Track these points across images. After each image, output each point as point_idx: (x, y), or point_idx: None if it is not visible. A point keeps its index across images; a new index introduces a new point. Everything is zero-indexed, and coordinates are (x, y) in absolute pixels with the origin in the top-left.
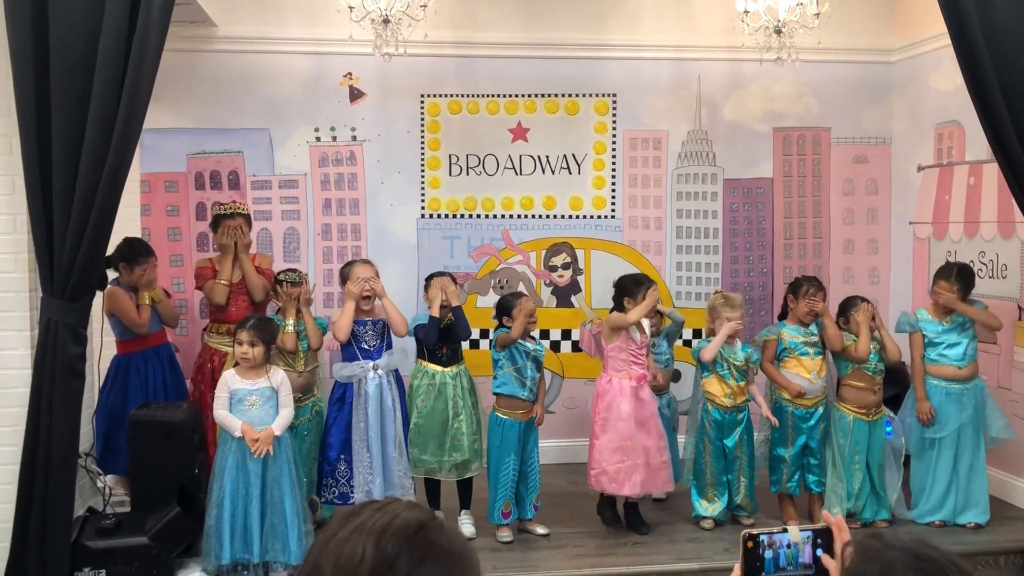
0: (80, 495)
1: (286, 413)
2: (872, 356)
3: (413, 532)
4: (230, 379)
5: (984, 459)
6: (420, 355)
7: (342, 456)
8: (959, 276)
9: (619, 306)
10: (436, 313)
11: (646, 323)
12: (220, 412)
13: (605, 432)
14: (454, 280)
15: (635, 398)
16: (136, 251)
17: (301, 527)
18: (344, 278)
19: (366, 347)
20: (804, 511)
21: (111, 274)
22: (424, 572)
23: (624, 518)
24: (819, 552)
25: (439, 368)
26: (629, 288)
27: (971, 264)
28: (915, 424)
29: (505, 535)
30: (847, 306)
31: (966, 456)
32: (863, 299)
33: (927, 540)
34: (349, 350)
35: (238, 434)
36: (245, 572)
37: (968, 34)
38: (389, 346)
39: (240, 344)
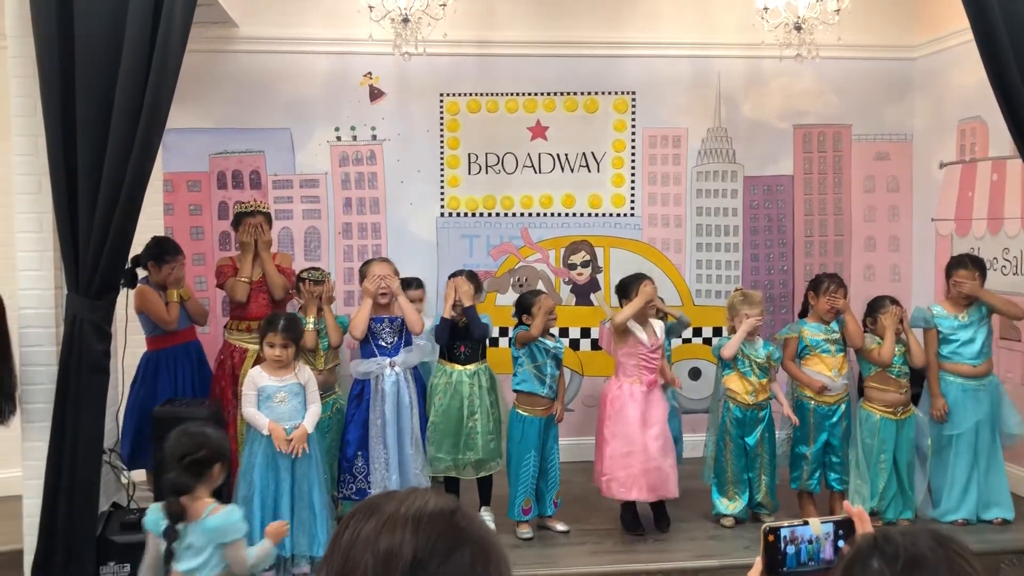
0: (105, 490)
1: (315, 409)
2: (897, 359)
3: (447, 518)
4: (257, 377)
5: (1001, 456)
6: (442, 354)
7: (359, 452)
8: (975, 264)
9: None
10: (447, 314)
11: (658, 326)
12: (249, 410)
13: (615, 438)
14: (475, 277)
15: (644, 403)
16: (164, 250)
17: (328, 520)
18: (363, 276)
19: (384, 344)
20: (825, 509)
21: (140, 272)
22: (459, 558)
23: (652, 512)
24: (841, 544)
25: (456, 366)
26: (625, 289)
27: (995, 261)
28: (931, 422)
29: (525, 531)
30: (875, 307)
31: (984, 453)
32: (892, 301)
33: (938, 537)
34: (367, 347)
35: (266, 432)
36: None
37: (991, 28)
38: (407, 343)
39: (273, 347)
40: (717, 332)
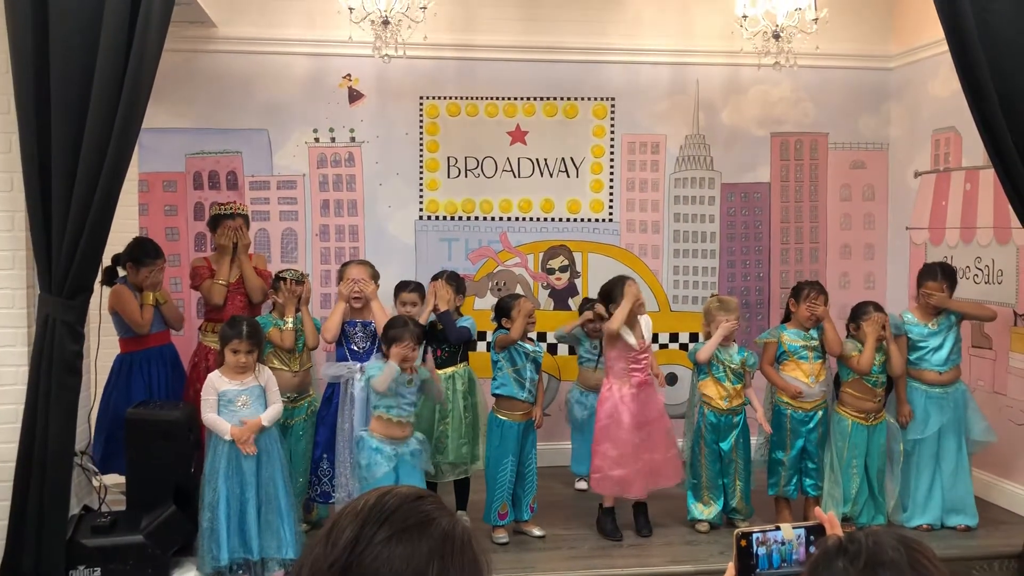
0: (76, 493)
1: (277, 408)
2: (875, 368)
3: (406, 503)
4: (217, 381)
5: (967, 463)
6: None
7: (325, 455)
8: (945, 274)
9: (610, 315)
10: (423, 319)
11: (646, 325)
12: (209, 416)
13: (607, 440)
14: (457, 278)
15: (636, 403)
16: (145, 252)
17: (295, 522)
18: (341, 278)
19: (356, 348)
20: (800, 515)
21: (121, 272)
22: (409, 541)
23: (633, 518)
24: (812, 549)
25: (434, 370)
26: (609, 293)
27: (967, 269)
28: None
29: (501, 536)
30: (858, 313)
31: (949, 459)
32: (876, 307)
33: (902, 539)
34: (340, 351)
35: (228, 437)
36: (240, 571)
37: (966, 40)
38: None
39: (237, 353)
40: (693, 338)
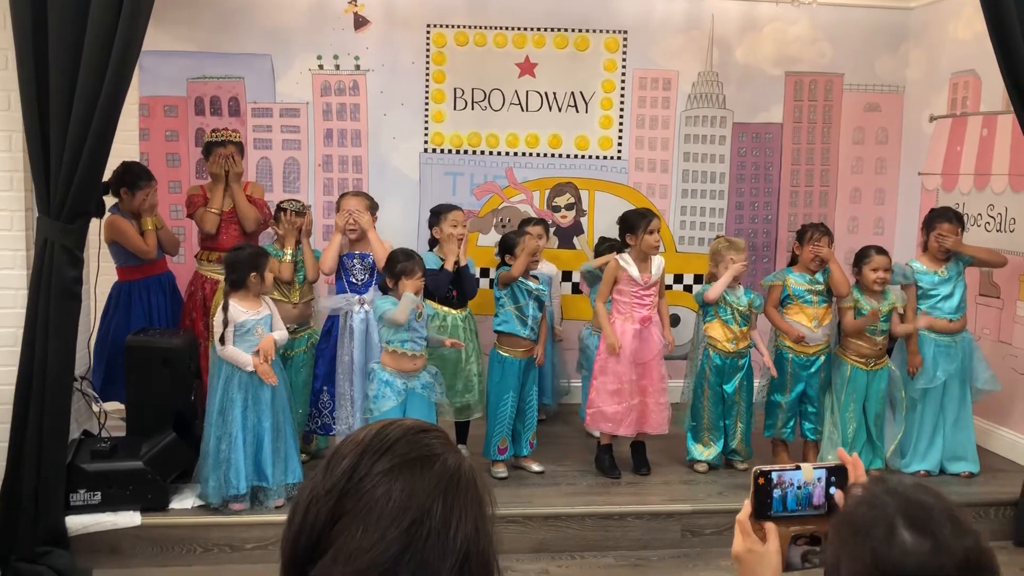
0: (75, 418)
1: (284, 331)
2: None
3: (408, 436)
4: (235, 312)
5: (971, 411)
6: (428, 295)
7: (325, 388)
8: (958, 218)
9: (623, 242)
10: (450, 267)
11: (657, 266)
12: (230, 348)
13: (603, 374)
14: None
15: (637, 339)
16: (137, 175)
17: (297, 447)
18: (338, 209)
19: (354, 281)
20: (797, 458)
21: (108, 201)
22: (410, 474)
23: (631, 456)
24: (832, 491)
25: (450, 310)
26: (631, 222)
27: (979, 217)
28: (904, 376)
29: (500, 471)
30: (860, 257)
31: (952, 407)
32: (878, 250)
33: (930, 488)
34: (339, 284)
35: (251, 368)
36: (243, 498)
37: None
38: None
39: (269, 271)
40: (699, 279)
